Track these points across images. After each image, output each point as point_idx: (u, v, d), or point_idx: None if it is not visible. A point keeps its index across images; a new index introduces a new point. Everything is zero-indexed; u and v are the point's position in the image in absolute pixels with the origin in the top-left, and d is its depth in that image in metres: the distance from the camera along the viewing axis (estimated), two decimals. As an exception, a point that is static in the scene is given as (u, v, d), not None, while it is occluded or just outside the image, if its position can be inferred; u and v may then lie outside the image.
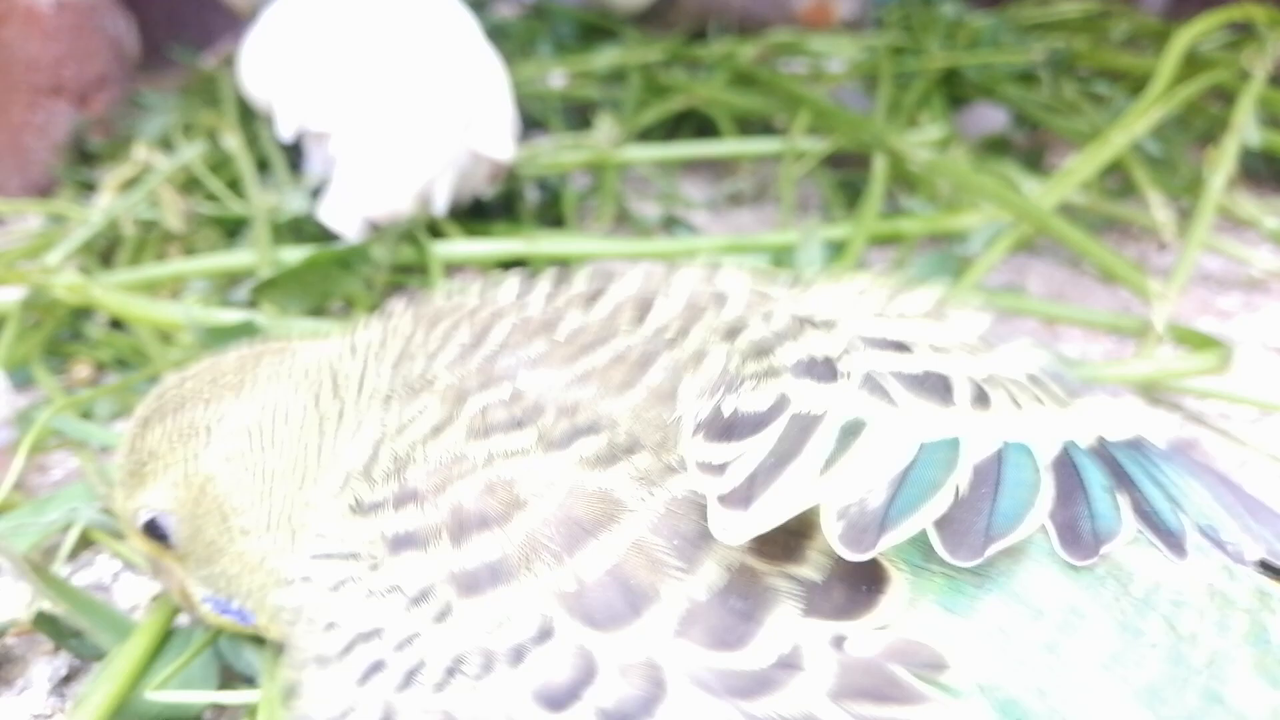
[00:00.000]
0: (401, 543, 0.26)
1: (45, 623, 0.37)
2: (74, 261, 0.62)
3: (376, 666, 0.24)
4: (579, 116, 0.92)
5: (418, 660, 0.24)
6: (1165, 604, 0.24)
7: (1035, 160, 0.90)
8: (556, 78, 0.99)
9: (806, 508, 0.23)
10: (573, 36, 1.10)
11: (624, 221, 0.80)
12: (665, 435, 0.26)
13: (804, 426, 0.24)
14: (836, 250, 0.65)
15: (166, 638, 0.36)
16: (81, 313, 0.59)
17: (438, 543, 0.25)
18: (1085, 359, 0.60)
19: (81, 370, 0.57)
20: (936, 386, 0.26)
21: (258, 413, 0.32)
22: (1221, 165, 0.63)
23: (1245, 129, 0.68)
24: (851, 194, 0.82)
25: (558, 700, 0.22)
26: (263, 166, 0.77)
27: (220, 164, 0.77)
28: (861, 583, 0.23)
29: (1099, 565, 0.24)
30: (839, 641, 0.22)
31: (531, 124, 0.90)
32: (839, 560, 0.23)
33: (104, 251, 0.65)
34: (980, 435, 0.25)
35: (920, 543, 0.23)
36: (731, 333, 0.28)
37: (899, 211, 0.75)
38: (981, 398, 0.26)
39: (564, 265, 0.62)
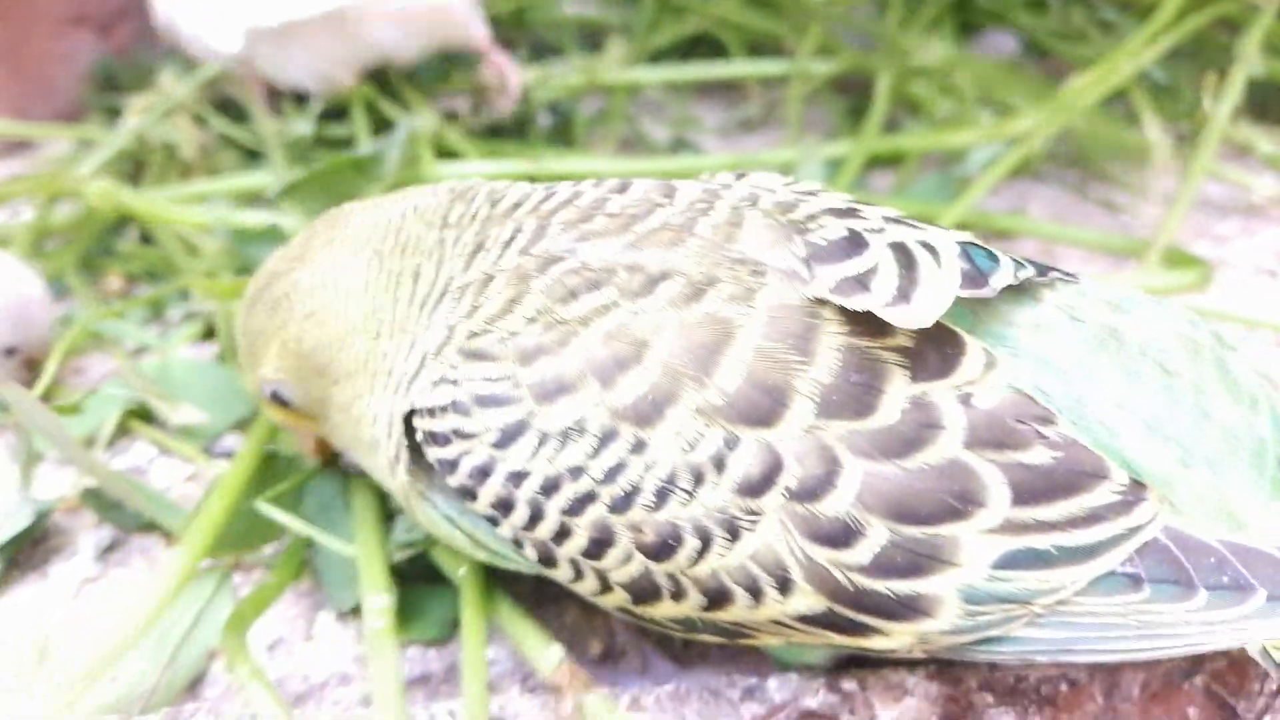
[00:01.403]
0: (550, 393, 0.29)
1: (91, 498, 0.41)
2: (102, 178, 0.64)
3: (587, 497, 0.29)
4: (592, 42, 0.93)
5: (629, 486, 0.28)
6: (1154, 351, 0.30)
7: (1048, 86, 0.91)
8: (570, 1, 1.00)
9: (949, 299, 0.28)
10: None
11: (634, 145, 0.82)
12: (733, 270, 0.29)
13: (897, 246, 0.30)
14: (837, 168, 0.67)
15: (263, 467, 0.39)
16: (112, 229, 0.61)
17: (588, 387, 0.29)
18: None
19: (113, 282, 0.59)
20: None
21: (325, 268, 0.35)
22: (1227, 95, 0.64)
23: (1252, 61, 0.70)
24: (859, 120, 0.84)
25: (755, 488, 0.27)
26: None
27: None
28: (945, 348, 0.28)
29: (1097, 329, 0.30)
30: (966, 398, 0.28)
31: (545, 48, 0.91)
32: (920, 331, 0.28)
33: (131, 174, 0.68)
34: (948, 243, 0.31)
35: (962, 316, 0.29)
36: (752, 200, 0.32)
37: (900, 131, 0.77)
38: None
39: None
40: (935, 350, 0.29)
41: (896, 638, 0.28)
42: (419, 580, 0.35)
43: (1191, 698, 0.32)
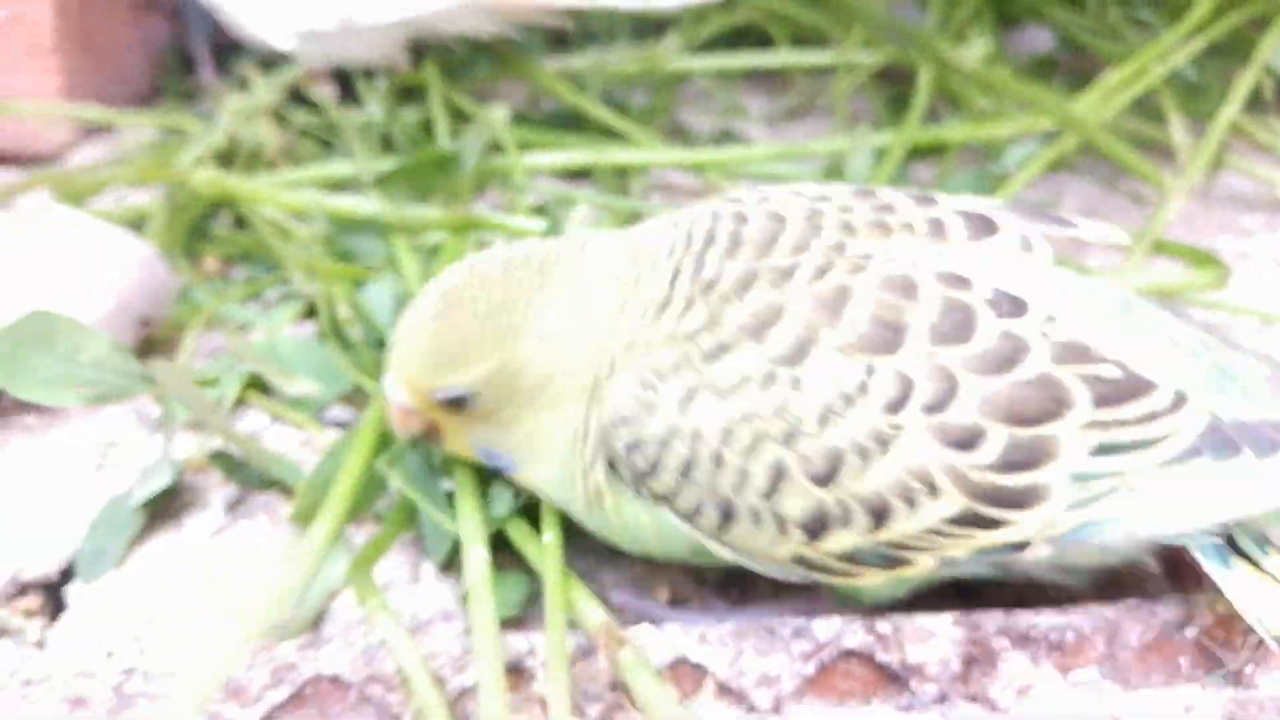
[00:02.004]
0: (713, 354, 0.35)
1: (219, 459, 0.46)
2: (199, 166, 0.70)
3: (761, 437, 0.34)
4: (638, 32, 0.96)
5: (794, 419, 0.34)
6: (1141, 308, 0.39)
7: (1083, 82, 0.95)
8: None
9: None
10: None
11: (679, 134, 0.86)
12: (845, 260, 0.37)
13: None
14: (881, 157, 0.71)
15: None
16: (208, 214, 0.66)
17: (743, 344, 0.35)
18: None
19: (210, 264, 0.65)
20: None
21: (575, 295, 0.38)
22: (1239, 91, 0.68)
23: (1274, 58, 0.73)
24: (902, 109, 0.88)
25: (895, 405, 0.34)
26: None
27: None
28: (1014, 298, 0.36)
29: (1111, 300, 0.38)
30: (1044, 332, 0.35)
31: (595, 36, 0.95)
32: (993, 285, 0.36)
33: (220, 164, 0.73)
34: None
35: None
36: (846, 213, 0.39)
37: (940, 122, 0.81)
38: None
39: (625, 173, 0.70)
40: (1008, 300, 0.36)
41: (1025, 525, 0.34)
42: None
43: (1183, 649, 0.37)
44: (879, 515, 0.34)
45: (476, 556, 0.37)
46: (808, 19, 0.93)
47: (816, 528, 0.35)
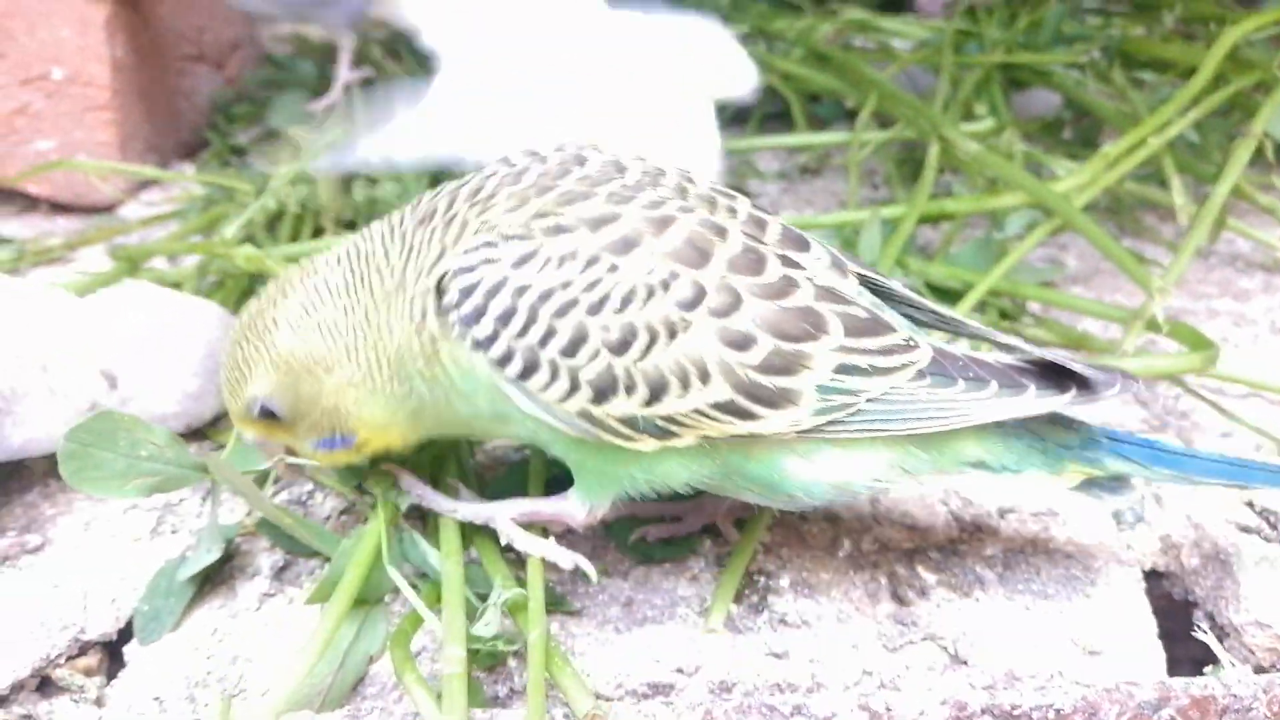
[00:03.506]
0: (553, 231, 0.42)
1: (265, 526, 0.50)
2: (243, 230, 0.74)
3: (571, 303, 0.41)
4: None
5: (603, 294, 0.41)
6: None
7: (1090, 140, 0.98)
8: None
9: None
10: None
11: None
12: (677, 198, 0.44)
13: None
14: (892, 228, 0.74)
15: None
16: (256, 276, 0.71)
17: (580, 230, 0.42)
18: (1087, 332, 0.69)
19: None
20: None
21: (302, 297, 0.45)
22: (1238, 162, 0.70)
23: (1273, 125, 0.76)
24: (911, 167, 0.91)
25: (689, 305, 0.41)
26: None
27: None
28: (798, 250, 0.44)
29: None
30: (811, 277, 0.43)
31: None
32: (784, 238, 0.44)
33: (267, 223, 0.77)
34: None
35: None
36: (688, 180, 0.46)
37: (949, 191, 0.84)
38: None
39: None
40: (794, 248, 0.44)
41: (776, 421, 0.41)
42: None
43: (1158, 727, 0.40)
44: (656, 391, 0.41)
45: (453, 656, 0.40)
46: (821, 82, 0.97)
47: (604, 390, 0.41)
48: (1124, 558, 0.51)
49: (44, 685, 0.45)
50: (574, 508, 0.46)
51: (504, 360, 0.41)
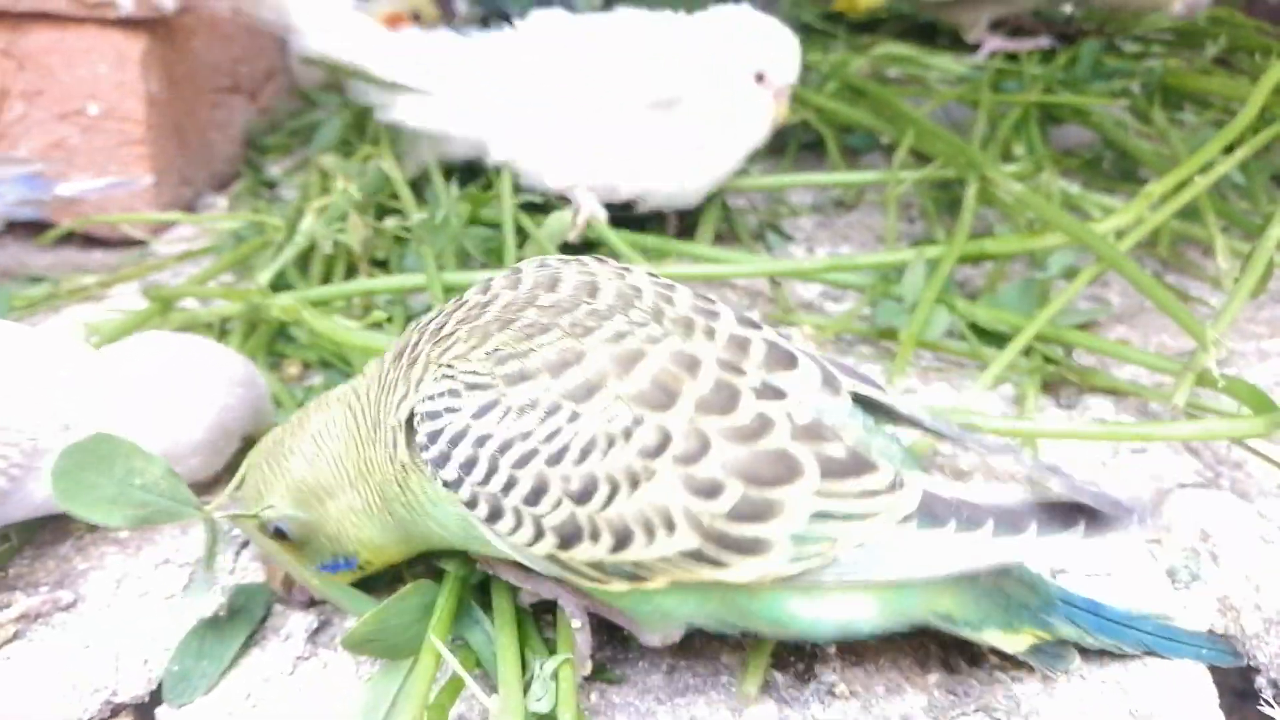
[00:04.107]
0: (515, 378, 0.40)
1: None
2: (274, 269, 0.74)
3: (531, 454, 0.40)
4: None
5: (563, 444, 0.39)
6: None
7: (1130, 174, 0.96)
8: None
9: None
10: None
11: (726, 235, 0.89)
12: (645, 327, 0.42)
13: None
14: (930, 265, 0.73)
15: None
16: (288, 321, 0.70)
17: (541, 376, 0.40)
18: (1136, 382, 0.67)
19: (291, 368, 0.68)
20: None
21: (314, 429, 0.47)
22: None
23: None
24: (947, 199, 0.90)
25: (652, 453, 0.39)
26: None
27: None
28: (778, 385, 0.42)
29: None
30: (789, 415, 0.40)
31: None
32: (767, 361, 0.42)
33: (300, 262, 0.77)
34: None
35: None
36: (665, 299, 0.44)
37: (988, 227, 0.83)
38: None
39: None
40: (780, 368, 0.42)
41: (746, 570, 0.40)
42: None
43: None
44: (621, 539, 0.39)
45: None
46: (857, 117, 0.96)
47: (568, 538, 0.40)
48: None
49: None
50: (647, 635, 0.45)
51: (471, 504, 0.41)
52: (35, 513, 0.52)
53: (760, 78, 0.81)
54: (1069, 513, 0.42)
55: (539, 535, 0.40)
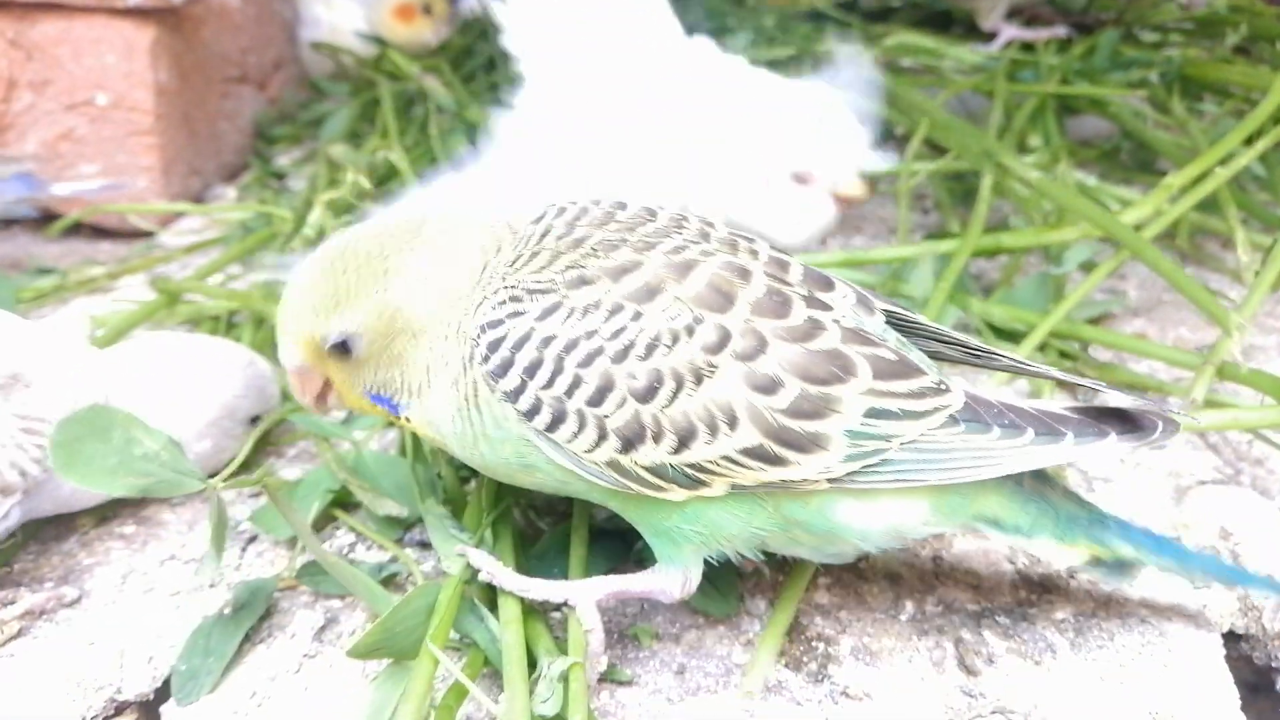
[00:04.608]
0: (576, 283, 0.41)
1: (307, 577, 0.49)
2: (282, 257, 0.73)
3: (596, 351, 0.40)
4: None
5: (627, 341, 0.40)
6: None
7: (1147, 165, 0.95)
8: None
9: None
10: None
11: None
12: (700, 244, 0.43)
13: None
14: (944, 261, 0.72)
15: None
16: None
17: (602, 281, 0.41)
18: (1154, 376, 0.66)
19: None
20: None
21: (432, 252, 0.44)
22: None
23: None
24: (962, 192, 0.89)
25: (714, 349, 0.40)
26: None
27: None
28: (823, 292, 0.43)
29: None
30: (838, 320, 0.42)
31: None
32: (809, 280, 0.44)
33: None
34: None
35: None
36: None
37: (1003, 222, 0.81)
38: None
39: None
40: (818, 288, 0.43)
41: (807, 467, 0.40)
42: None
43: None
44: (684, 437, 0.40)
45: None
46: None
47: (631, 439, 0.40)
48: (1201, 621, 0.48)
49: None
50: (667, 581, 0.44)
51: (532, 412, 0.41)
52: (62, 507, 0.52)
53: (801, 179, 0.77)
54: (1106, 419, 0.43)
55: (601, 438, 0.40)
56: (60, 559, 0.52)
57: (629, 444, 0.40)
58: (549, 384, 0.40)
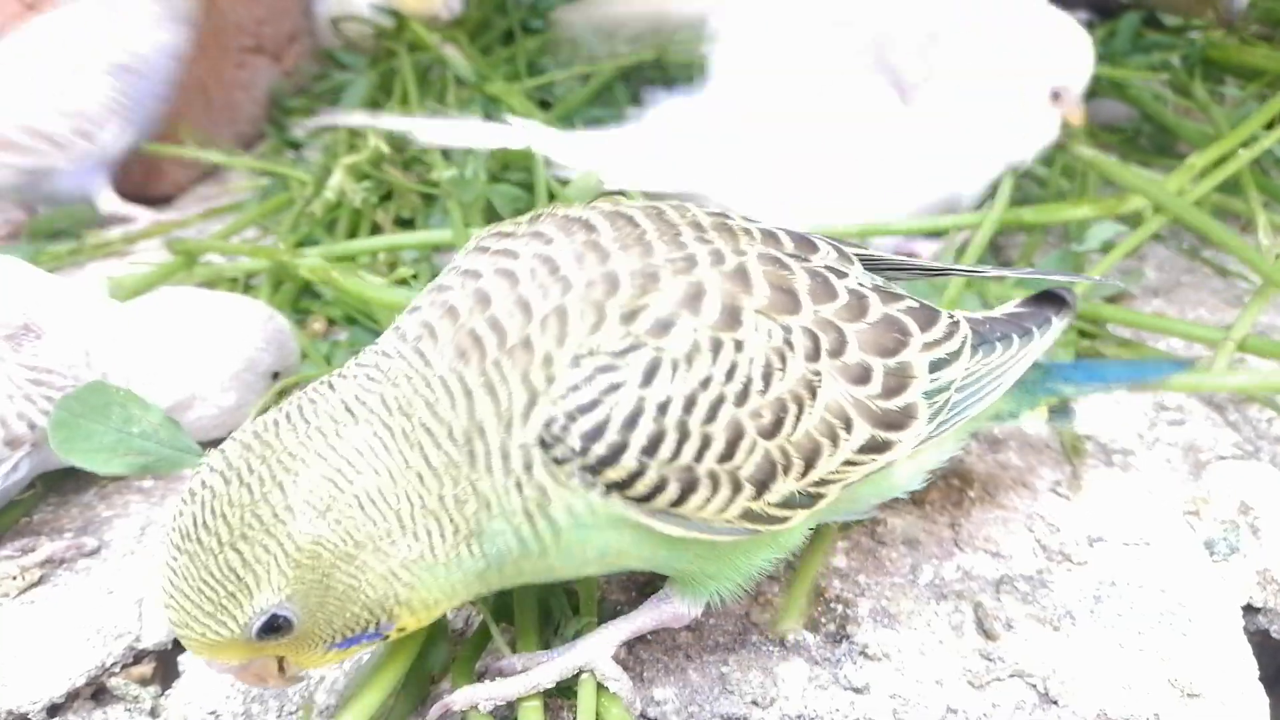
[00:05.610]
0: (662, 328, 0.36)
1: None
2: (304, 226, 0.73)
3: (718, 401, 0.36)
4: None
5: (744, 379, 0.36)
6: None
7: (1166, 148, 0.94)
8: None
9: None
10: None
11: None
12: (726, 239, 0.39)
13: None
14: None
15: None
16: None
17: (683, 317, 0.36)
18: (1172, 351, 0.66)
19: (317, 324, 0.68)
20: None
21: (322, 466, 0.34)
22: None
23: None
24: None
25: (813, 355, 0.37)
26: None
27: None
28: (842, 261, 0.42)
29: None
30: (860, 284, 0.41)
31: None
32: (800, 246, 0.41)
33: (327, 220, 0.76)
34: None
35: None
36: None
37: (1024, 200, 0.81)
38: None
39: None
40: (811, 253, 0.41)
41: (905, 444, 0.40)
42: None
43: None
44: (810, 458, 0.37)
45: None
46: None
47: (765, 480, 0.37)
48: (1219, 592, 0.48)
49: (99, 694, 0.44)
50: (682, 606, 0.41)
51: (654, 492, 0.35)
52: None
53: (1056, 96, 0.73)
54: (1044, 305, 0.47)
55: (736, 491, 0.36)
56: (79, 510, 0.52)
57: (762, 486, 0.37)
58: (675, 455, 0.35)
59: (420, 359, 0.36)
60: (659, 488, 0.35)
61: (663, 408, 0.35)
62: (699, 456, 0.35)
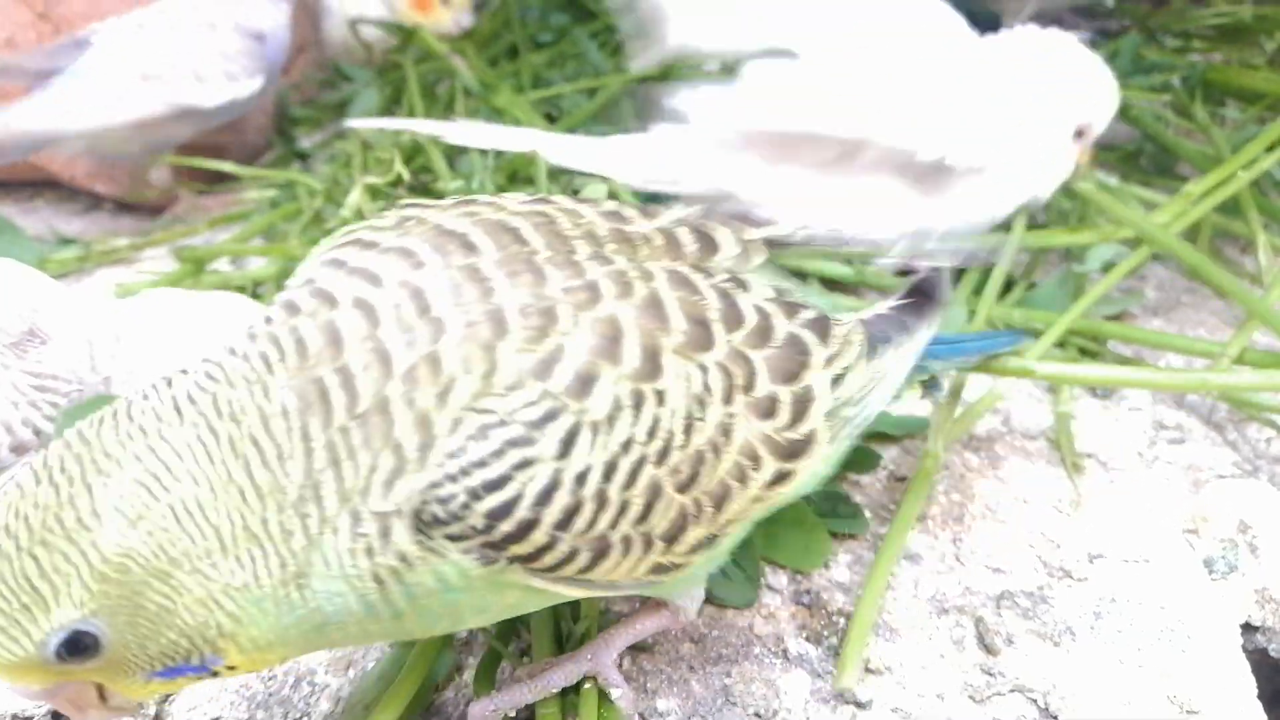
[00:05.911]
0: (583, 387, 0.32)
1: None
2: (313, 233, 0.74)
3: (639, 463, 0.33)
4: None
5: (666, 435, 0.33)
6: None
7: (1167, 168, 0.95)
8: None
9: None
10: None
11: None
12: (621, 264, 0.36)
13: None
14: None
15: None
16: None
17: (605, 367, 0.32)
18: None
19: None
20: None
21: (137, 469, 0.30)
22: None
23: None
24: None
25: (728, 395, 0.35)
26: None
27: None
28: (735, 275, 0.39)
29: None
30: (764, 299, 0.38)
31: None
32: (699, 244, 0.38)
33: (338, 229, 0.77)
34: None
35: None
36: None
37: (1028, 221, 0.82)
38: None
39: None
40: (713, 253, 0.38)
41: (803, 471, 0.37)
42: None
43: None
44: (719, 502, 0.35)
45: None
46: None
47: (676, 534, 0.34)
48: (1218, 610, 0.48)
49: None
50: (678, 610, 0.41)
51: (563, 563, 0.33)
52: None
53: (1079, 133, 0.73)
54: (923, 292, 0.46)
55: (648, 549, 0.34)
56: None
57: (673, 539, 0.34)
58: (590, 526, 0.32)
59: (264, 364, 0.32)
60: (569, 558, 0.33)
61: (580, 478, 0.32)
62: (614, 524, 0.33)
